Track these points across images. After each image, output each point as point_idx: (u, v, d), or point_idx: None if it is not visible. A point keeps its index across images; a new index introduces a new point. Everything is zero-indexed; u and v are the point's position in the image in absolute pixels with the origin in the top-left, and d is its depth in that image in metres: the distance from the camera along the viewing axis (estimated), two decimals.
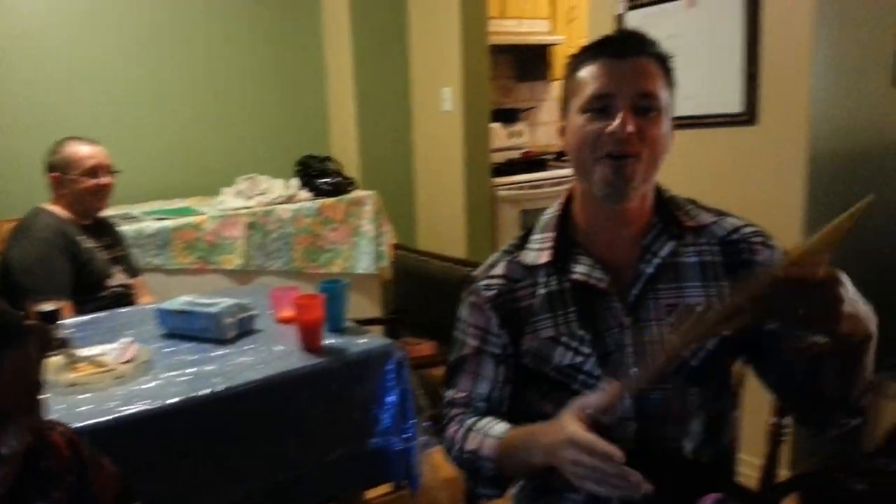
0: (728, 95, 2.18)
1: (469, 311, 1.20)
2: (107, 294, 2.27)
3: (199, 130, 3.52)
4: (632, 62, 1.05)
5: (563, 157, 3.93)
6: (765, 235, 1.13)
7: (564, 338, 1.11)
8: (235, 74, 3.59)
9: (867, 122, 2.14)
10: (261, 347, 1.75)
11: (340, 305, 1.85)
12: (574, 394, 1.04)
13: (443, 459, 1.25)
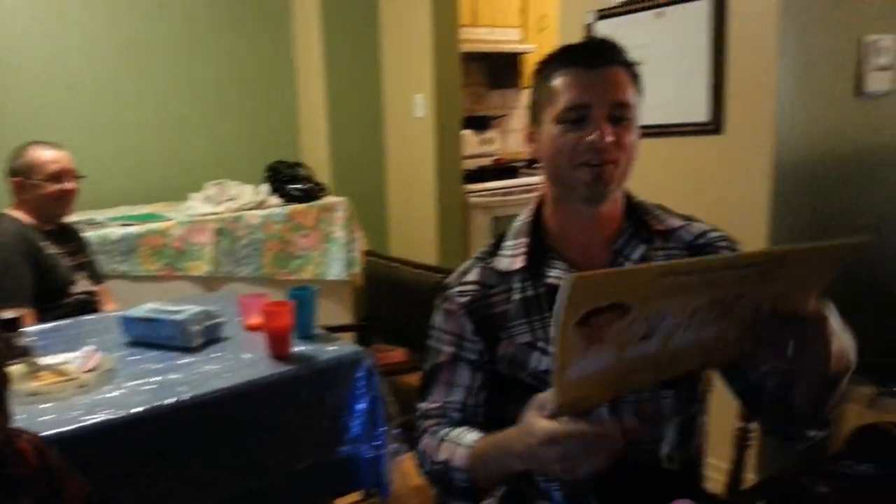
0: (695, 105, 2.21)
1: (443, 318, 1.19)
2: (70, 301, 2.23)
3: (167, 134, 3.48)
4: (604, 72, 1.06)
5: (535, 165, 3.96)
6: (730, 240, 1.15)
7: (541, 343, 1.11)
8: (204, 78, 3.56)
9: (831, 131, 2.19)
10: (228, 355, 1.73)
11: (310, 312, 1.83)
12: None
13: (413, 467, 1.24)
